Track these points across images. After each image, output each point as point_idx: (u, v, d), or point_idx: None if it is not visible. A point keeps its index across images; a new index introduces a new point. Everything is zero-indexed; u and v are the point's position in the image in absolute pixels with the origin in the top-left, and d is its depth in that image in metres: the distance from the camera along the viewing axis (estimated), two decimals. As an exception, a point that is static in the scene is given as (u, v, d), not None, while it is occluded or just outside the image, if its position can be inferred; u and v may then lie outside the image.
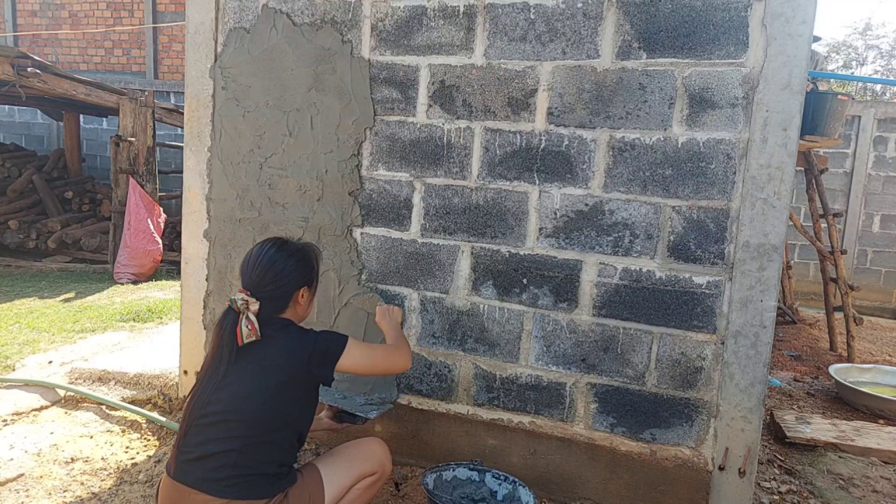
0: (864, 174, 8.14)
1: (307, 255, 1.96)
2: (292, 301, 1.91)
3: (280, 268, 1.87)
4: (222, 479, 1.70)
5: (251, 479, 1.73)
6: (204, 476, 1.71)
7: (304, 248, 1.97)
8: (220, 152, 2.86)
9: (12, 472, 2.47)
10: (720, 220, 2.23)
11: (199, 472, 1.72)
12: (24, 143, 10.36)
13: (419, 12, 2.50)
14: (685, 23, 2.20)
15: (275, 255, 1.89)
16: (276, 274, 1.86)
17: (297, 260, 1.91)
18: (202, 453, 1.72)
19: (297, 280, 1.90)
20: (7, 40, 10.82)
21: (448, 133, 2.52)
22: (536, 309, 2.48)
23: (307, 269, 1.94)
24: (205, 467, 1.71)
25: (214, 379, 1.77)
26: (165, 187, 8.43)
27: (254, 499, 1.72)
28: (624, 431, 2.42)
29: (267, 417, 1.76)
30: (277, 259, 1.88)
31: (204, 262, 2.95)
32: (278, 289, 1.87)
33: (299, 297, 1.92)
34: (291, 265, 1.89)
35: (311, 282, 1.96)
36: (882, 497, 2.66)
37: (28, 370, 3.54)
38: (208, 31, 2.81)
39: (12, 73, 5.77)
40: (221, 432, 1.73)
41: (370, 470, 1.95)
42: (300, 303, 1.94)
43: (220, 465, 1.70)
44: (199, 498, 1.69)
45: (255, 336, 1.77)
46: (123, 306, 5.25)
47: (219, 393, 1.75)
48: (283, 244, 1.93)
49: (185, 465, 1.73)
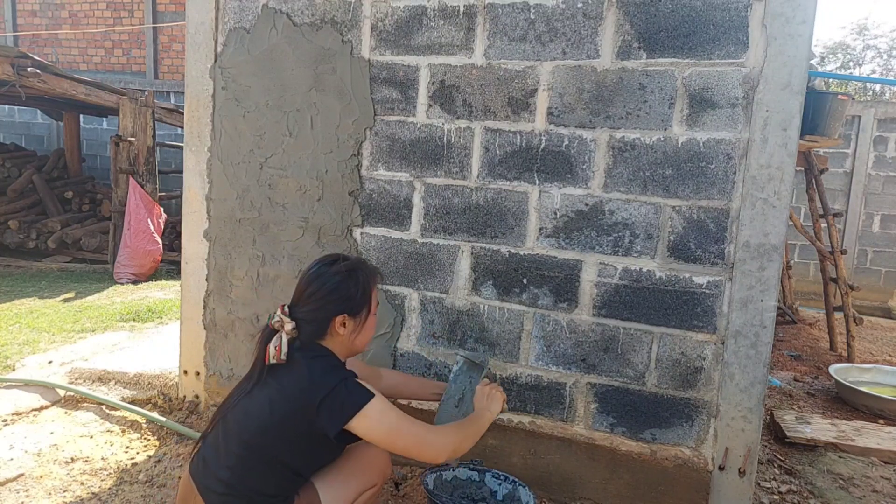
0: (864, 174, 8.14)
1: (351, 278, 1.75)
2: (330, 329, 1.73)
3: (317, 288, 1.72)
4: (218, 493, 1.70)
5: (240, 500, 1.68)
6: (207, 485, 1.72)
7: (357, 269, 1.78)
8: (220, 152, 2.86)
9: (12, 472, 2.47)
10: (720, 220, 2.23)
11: (205, 478, 1.73)
12: (24, 143, 10.36)
13: (419, 12, 2.50)
14: (685, 23, 2.20)
15: (322, 271, 1.74)
16: (313, 294, 1.72)
17: (338, 282, 1.73)
18: (210, 458, 1.74)
19: (335, 306, 1.72)
20: (7, 40, 10.81)
21: (448, 133, 2.52)
22: (536, 309, 2.48)
23: (347, 295, 1.74)
24: (208, 474, 1.72)
25: (244, 389, 1.74)
26: (165, 187, 8.43)
27: None
28: (624, 431, 2.42)
29: (259, 445, 1.68)
30: (318, 277, 1.73)
31: (204, 262, 2.95)
32: (313, 311, 1.72)
33: (337, 325, 1.73)
34: (330, 286, 1.72)
35: (352, 309, 1.75)
36: (882, 497, 2.66)
37: (28, 370, 3.54)
38: (208, 31, 2.81)
39: (12, 73, 5.77)
40: (226, 444, 1.72)
41: (370, 483, 1.84)
42: (339, 332, 1.74)
43: (218, 479, 1.70)
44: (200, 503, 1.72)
45: (278, 360, 1.66)
46: (123, 306, 5.25)
47: (239, 404, 1.72)
48: (334, 262, 1.77)
49: (199, 466, 1.76)
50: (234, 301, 2.91)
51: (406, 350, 2.67)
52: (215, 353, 2.97)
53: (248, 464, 1.68)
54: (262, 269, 2.84)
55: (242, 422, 1.70)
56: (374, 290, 1.84)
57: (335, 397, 1.62)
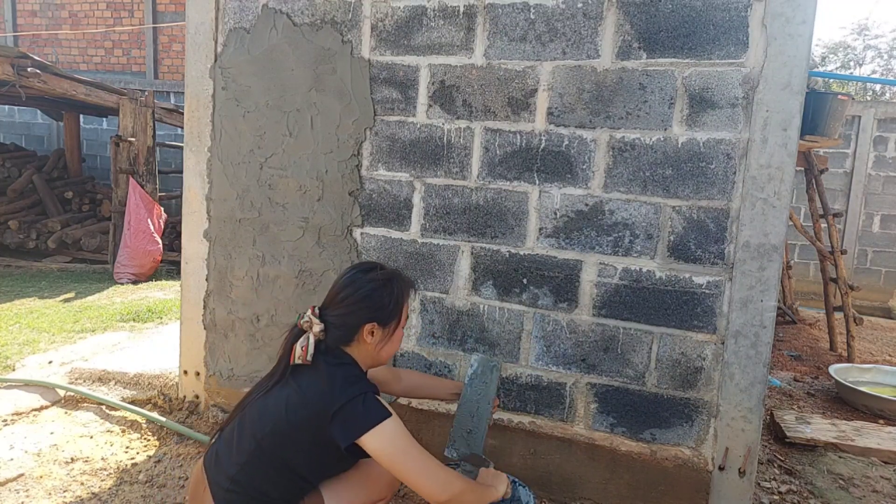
0: (864, 174, 8.15)
1: (384, 287, 1.74)
2: (358, 336, 1.71)
3: (350, 293, 1.71)
4: (224, 488, 1.70)
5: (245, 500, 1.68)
6: (216, 478, 1.72)
7: (392, 279, 1.77)
8: (220, 152, 2.86)
9: (12, 472, 2.47)
10: (720, 220, 2.23)
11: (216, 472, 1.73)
12: (24, 143, 10.37)
13: (419, 12, 2.50)
14: (685, 23, 2.20)
15: (357, 277, 1.74)
16: (345, 298, 1.71)
17: (371, 290, 1.71)
18: (222, 453, 1.74)
19: (366, 314, 1.70)
20: (7, 40, 10.82)
21: (448, 133, 2.52)
22: (536, 309, 2.48)
23: (379, 304, 1.72)
24: (219, 469, 1.73)
25: (264, 387, 1.73)
26: (165, 187, 8.43)
27: None
28: (624, 431, 2.42)
29: (271, 446, 1.66)
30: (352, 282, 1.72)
31: (204, 262, 2.95)
32: (344, 316, 1.70)
33: (365, 333, 1.71)
34: (364, 293, 1.70)
35: (383, 319, 1.73)
36: (882, 497, 2.66)
37: (28, 370, 3.54)
38: (208, 31, 2.81)
39: (12, 73, 5.78)
40: (239, 441, 1.71)
41: (379, 496, 1.80)
42: (366, 340, 1.72)
43: (226, 474, 1.70)
44: (209, 494, 1.72)
45: (303, 360, 1.65)
46: (123, 306, 5.25)
47: (257, 403, 1.72)
48: (371, 269, 1.76)
49: (212, 459, 1.76)
50: (234, 301, 2.91)
51: (406, 350, 2.67)
52: (215, 353, 2.97)
53: (257, 463, 1.67)
54: (262, 269, 2.84)
55: (257, 420, 1.69)
56: (407, 302, 1.82)
57: (352, 409, 1.60)
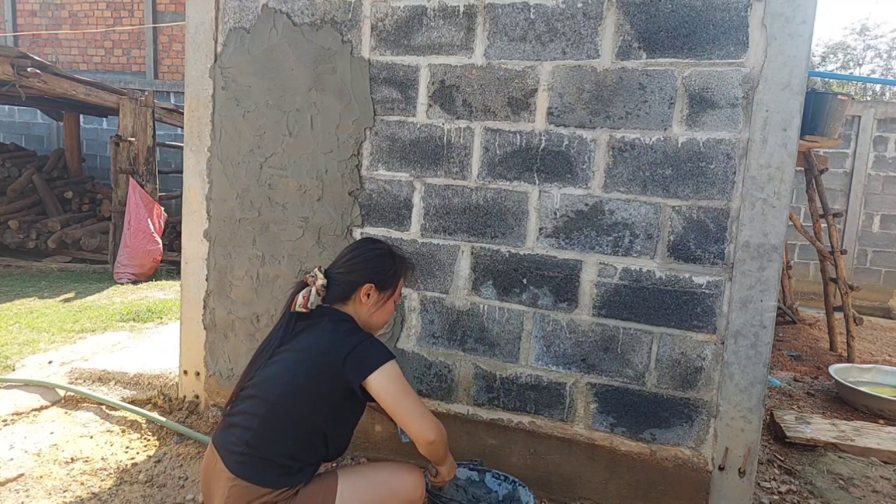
0: (864, 174, 8.15)
1: (387, 257, 1.92)
2: (356, 295, 1.86)
3: (358, 254, 1.89)
4: (237, 453, 1.73)
5: (259, 463, 1.71)
6: (228, 447, 1.75)
7: (391, 251, 1.95)
8: (220, 152, 2.86)
9: (12, 472, 2.48)
10: (720, 220, 2.23)
11: (227, 440, 1.77)
12: (24, 143, 10.37)
13: (419, 12, 2.51)
14: (685, 23, 2.20)
15: (364, 245, 1.93)
16: (351, 259, 1.88)
17: (375, 255, 1.90)
18: (232, 423, 1.78)
19: (366, 273, 1.86)
20: (7, 40, 10.82)
21: (448, 133, 2.52)
22: (536, 309, 2.48)
23: (380, 268, 1.89)
24: (230, 438, 1.76)
25: (265, 350, 1.82)
26: (165, 187, 8.43)
27: (258, 484, 1.69)
28: (624, 431, 2.42)
29: (286, 405, 1.72)
30: (361, 246, 1.92)
31: (204, 262, 2.95)
32: (346, 274, 1.86)
33: (363, 293, 1.86)
34: (368, 257, 1.88)
35: (381, 283, 1.88)
36: (882, 497, 2.66)
37: (28, 370, 3.54)
38: (208, 31, 2.81)
39: (12, 73, 5.78)
40: (249, 408, 1.76)
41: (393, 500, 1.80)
42: (363, 301, 1.87)
43: (238, 439, 1.74)
44: (220, 465, 1.75)
45: (304, 308, 1.77)
46: (123, 306, 5.25)
47: (263, 369, 1.79)
48: (378, 241, 1.97)
49: (221, 431, 1.80)
50: (234, 301, 2.91)
51: (406, 350, 2.67)
52: (215, 353, 2.97)
53: (271, 425, 1.72)
54: (262, 269, 2.84)
55: (267, 384, 1.76)
56: (403, 279, 1.98)
57: (361, 350, 1.74)
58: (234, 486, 1.70)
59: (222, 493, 1.71)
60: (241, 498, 1.69)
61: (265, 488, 1.69)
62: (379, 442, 2.74)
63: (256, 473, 1.70)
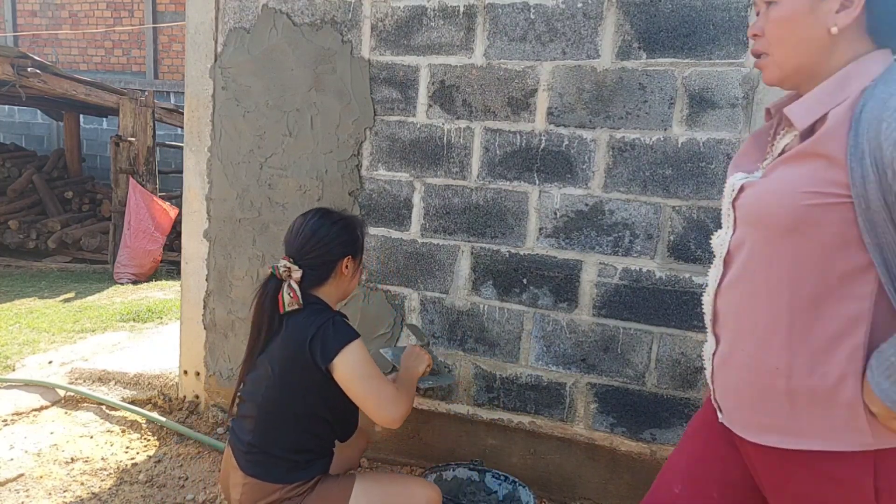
0: (864, 174, 8.14)
1: (351, 223, 1.91)
2: (336, 271, 1.85)
3: (323, 234, 1.83)
4: (245, 452, 1.76)
5: (266, 461, 1.74)
6: (238, 446, 1.79)
7: (348, 218, 1.93)
8: (220, 152, 2.86)
9: (12, 472, 2.48)
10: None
11: (235, 441, 1.80)
12: (24, 143, 10.38)
13: (419, 12, 2.51)
14: (685, 23, 2.20)
15: (318, 222, 1.85)
16: (320, 241, 1.82)
17: (341, 227, 1.86)
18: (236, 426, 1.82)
19: (342, 248, 1.85)
20: (7, 40, 10.82)
21: (448, 133, 2.52)
22: (536, 309, 2.48)
23: (352, 238, 1.89)
24: (237, 439, 1.79)
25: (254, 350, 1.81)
26: (165, 187, 8.44)
27: (267, 481, 1.72)
28: (624, 431, 2.42)
29: (275, 403, 1.74)
30: (321, 226, 1.84)
31: (204, 262, 2.95)
32: (321, 256, 1.82)
33: (343, 267, 1.86)
34: (335, 232, 1.85)
35: (355, 251, 1.90)
36: (882, 497, 2.65)
37: (28, 370, 3.54)
38: (208, 31, 2.81)
39: (12, 73, 5.78)
40: (245, 411, 1.80)
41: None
42: (344, 273, 1.87)
43: (245, 440, 1.77)
44: (233, 463, 1.78)
45: (297, 304, 1.74)
46: (123, 306, 5.25)
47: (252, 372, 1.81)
48: (328, 213, 1.90)
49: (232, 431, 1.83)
50: (234, 301, 2.91)
51: (406, 350, 2.67)
52: (215, 353, 2.97)
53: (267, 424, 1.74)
54: (262, 269, 2.84)
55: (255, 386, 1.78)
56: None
57: (324, 333, 1.71)
58: (247, 484, 1.73)
59: (238, 491, 1.76)
60: (253, 495, 1.73)
61: (276, 484, 1.72)
62: (379, 442, 2.74)
63: (265, 471, 1.73)
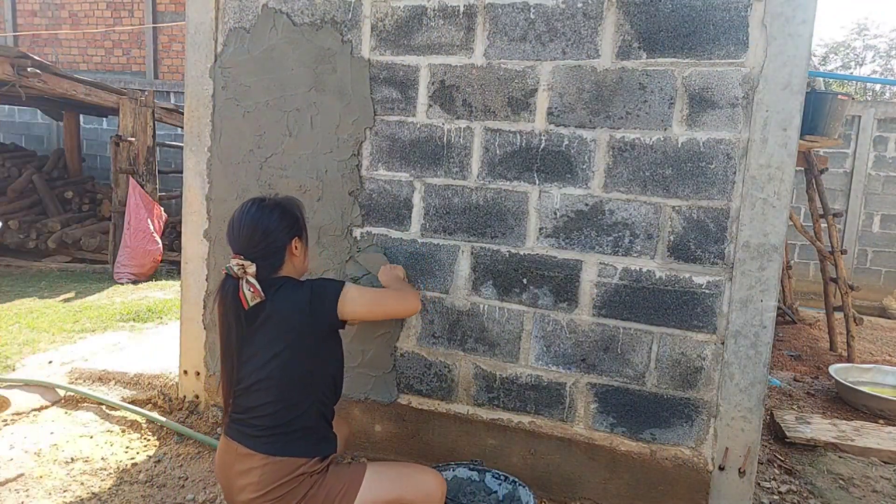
0: (864, 174, 8.14)
1: (289, 206, 1.94)
2: (287, 255, 1.90)
3: (265, 224, 1.86)
4: (263, 436, 1.77)
5: (289, 436, 1.77)
6: (249, 433, 1.79)
7: (283, 201, 1.96)
8: (220, 152, 2.86)
9: (12, 472, 2.48)
10: (720, 220, 2.23)
11: (245, 428, 1.80)
12: (24, 143, 10.37)
13: (419, 12, 2.50)
14: (685, 23, 2.20)
15: (256, 213, 1.87)
16: (264, 231, 1.85)
17: (279, 213, 1.89)
18: (246, 414, 1.82)
19: (286, 233, 1.89)
20: (7, 40, 10.82)
21: (448, 133, 2.52)
22: (536, 309, 2.48)
23: (293, 220, 1.93)
24: (249, 425, 1.80)
25: (231, 350, 1.82)
26: (165, 187, 8.44)
27: (295, 455, 1.75)
28: (624, 431, 2.42)
29: (292, 378, 1.78)
30: (261, 217, 1.86)
31: (204, 262, 2.94)
32: (269, 245, 1.86)
33: (293, 249, 1.91)
34: (276, 219, 1.87)
35: (300, 232, 1.95)
36: (882, 497, 2.66)
37: (28, 370, 3.54)
38: (208, 31, 2.81)
39: (12, 73, 5.77)
40: (259, 399, 1.80)
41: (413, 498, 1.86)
42: (295, 255, 1.93)
43: (261, 423, 1.78)
44: (243, 451, 1.77)
45: (259, 297, 1.77)
46: (123, 306, 5.25)
47: (245, 367, 1.81)
48: (262, 202, 1.91)
49: (234, 424, 1.83)
50: (234, 301, 2.90)
51: (406, 350, 2.67)
52: (215, 353, 2.97)
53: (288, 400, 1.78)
54: (262, 269, 2.84)
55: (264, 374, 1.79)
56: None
57: (316, 291, 1.83)
58: (268, 465, 1.74)
59: (252, 478, 1.74)
60: (276, 474, 1.73)
61: (301, 458, 1.75)
62: (379, 442, 2.74)
63: (288, 446, 1.76)
